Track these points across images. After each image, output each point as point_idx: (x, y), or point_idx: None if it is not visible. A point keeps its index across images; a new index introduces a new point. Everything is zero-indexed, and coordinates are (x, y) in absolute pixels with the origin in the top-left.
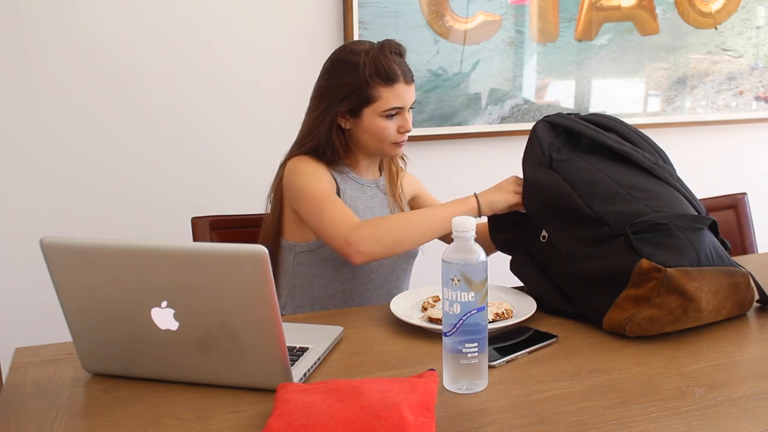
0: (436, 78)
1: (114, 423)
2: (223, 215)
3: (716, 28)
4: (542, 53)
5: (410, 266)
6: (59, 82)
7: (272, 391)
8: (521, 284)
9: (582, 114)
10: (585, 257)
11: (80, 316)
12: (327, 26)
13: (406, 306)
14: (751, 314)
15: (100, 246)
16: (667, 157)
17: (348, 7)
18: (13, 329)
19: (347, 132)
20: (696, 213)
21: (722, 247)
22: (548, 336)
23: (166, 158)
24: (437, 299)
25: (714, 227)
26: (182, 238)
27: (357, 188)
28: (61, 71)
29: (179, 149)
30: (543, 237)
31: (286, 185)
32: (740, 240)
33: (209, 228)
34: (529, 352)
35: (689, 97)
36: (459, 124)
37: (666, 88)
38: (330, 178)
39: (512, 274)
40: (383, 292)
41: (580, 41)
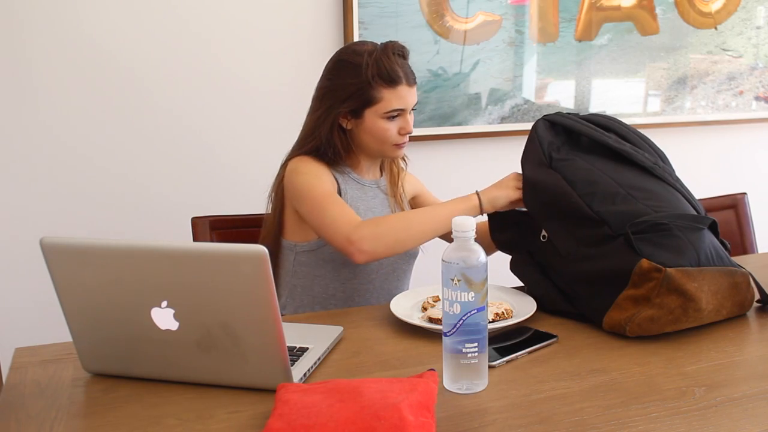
0: (436, 78)
1: (114, 423)
2: (223, 215)
3: (716, 28)
4: (542, 53)
5: (410, 266)
6: (59, 83)
7: (272, 391)
8: (521, 284)
9: (582, 114)
10: (585, 257)
11: (80, 316)
12: (327, 26)
13: (406, 306)
14: (751, 314)
15: (100, 246)
16: (666, 158)
17: (348, 7)
18: (13, 329)
19: (348, 132)
20: (696, 213)
21: (722, 247)
22: (548, 336)
23: (166, 158)
24: (437, 299)
25: (714, 227)
26: (182, 238)
27: (358, 188)
28: (61, 71)
29: (179, 149)
30: (543, 237)
31: (288, 185)
32: (740, 240)
33: (209, 228)
34: (529, 352)
35: (689, 97)
36: (459, 124)
37: (666, 88)
38: (331, 178)
39: (512, 274)
40: (384, 293)
41: (580, 41)
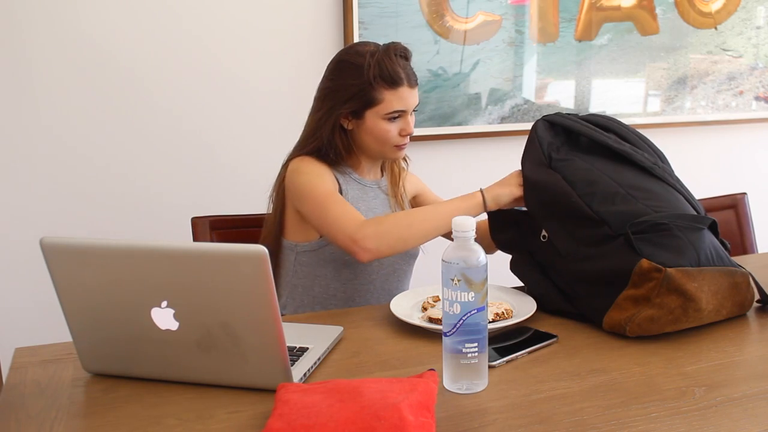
0: (436, 78)
1: (114, 423)
2: (223, 215)
3: (716, 28)
4: (542, 53)
5: (411, 267)
6: (59, 83)
7: (272, 391)
8: (521, 284)
9: (581, 114)
10: (585, 257)
11: (80, 316)
12: (327, 26)
13: (406, 306)
14: (751, 314)
15: (100, 246)
16: (666, 158)
17: (348, 7)
18: (13, 329)
19: (349, 133)
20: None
21: (722, 247)
22: (548, 336)
23: (166, 158)
24: (437, 299)
25: (714, 227)
26: (182, 238)
27: (359, 189)
28: (61, 71)
29: (179, 149)
30: (543, 237)
31: (289, 185)
32: (740, 240)
33: (209, 228)
34: (529, 352)
35: (689, 97)
36: (459, 124)
37: (666, 88)
38: (333, 179)
39: (512, 274)
40: (384, 293)
41: (580, 41)
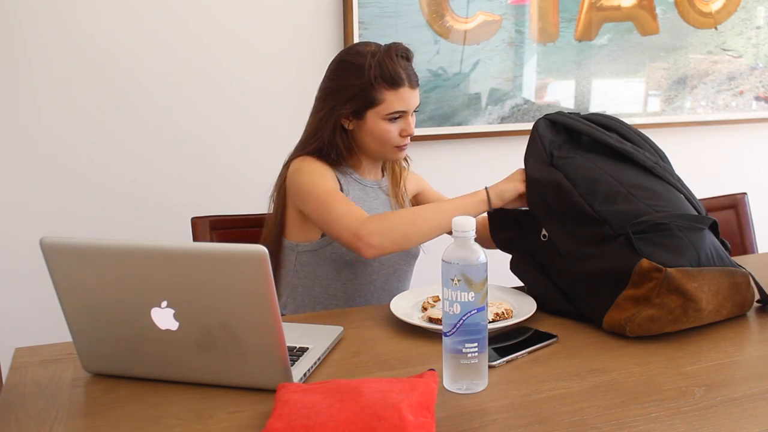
0: (436, 78)
1: (114, 423)
2: (223, 215)
3: (716, 28)
4: (542, 53)
5: (411, 267)
6: (59, 83)
7: (272, 391)
8: (521, 284)
9: (582, 114)
10: (585, 256)
11: (80, 316)
12: (327, 26)
13: (406, 306)
14: (751, 314)
15: (100, 246)
16: (667, 158)
17: (348, 7)
18: (13, 329)
19: (350, 133)
20: (696, 213)
21: (722, 248)
22: (548, 336)
23: (166, 158)
24: (437, 299)
25: (714, 227)
26: (182, 238)
27: (360, 189)
28: (61, 71)
29: (179, 149)
30: (543, 236)
31: (291, 185)
32: (740, 240)
33: (209, 228)
34: (529, 352)
35: (689, 97)
36: (459, 124)
37: (666, 88)
38: (334, 178)
39: (512, 274)
40: (384, 293)
41: (580, 41)
